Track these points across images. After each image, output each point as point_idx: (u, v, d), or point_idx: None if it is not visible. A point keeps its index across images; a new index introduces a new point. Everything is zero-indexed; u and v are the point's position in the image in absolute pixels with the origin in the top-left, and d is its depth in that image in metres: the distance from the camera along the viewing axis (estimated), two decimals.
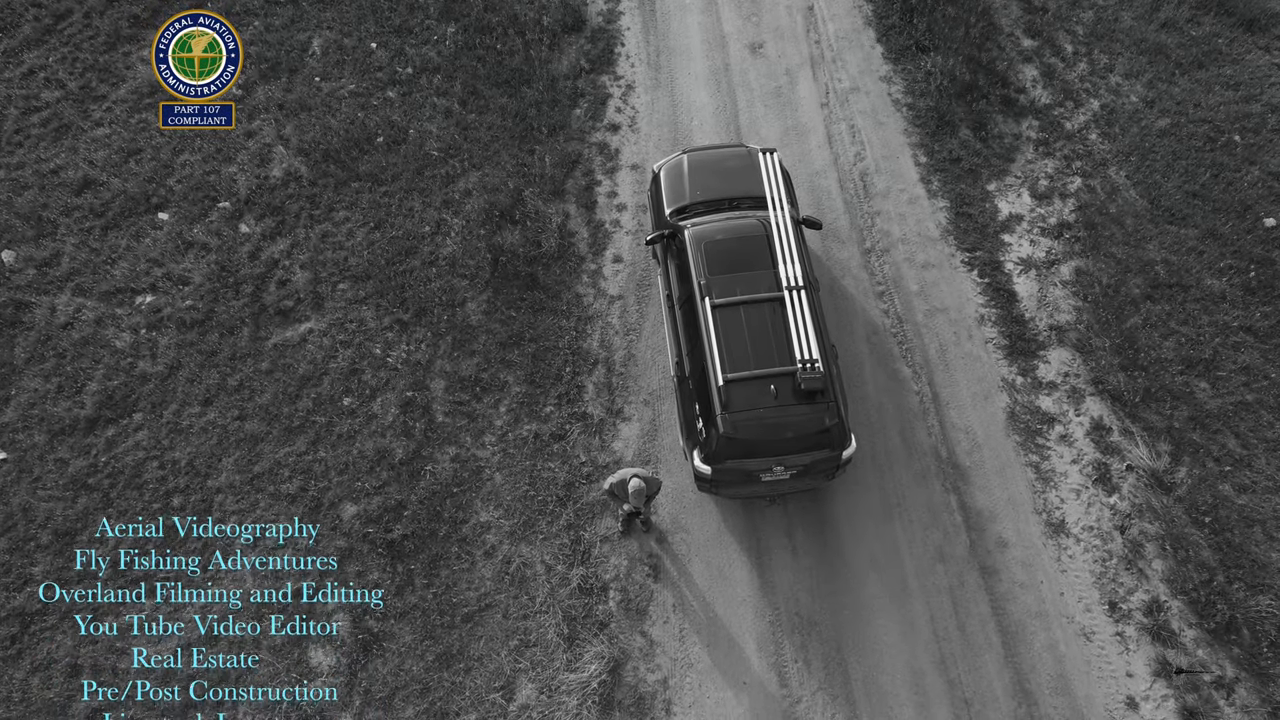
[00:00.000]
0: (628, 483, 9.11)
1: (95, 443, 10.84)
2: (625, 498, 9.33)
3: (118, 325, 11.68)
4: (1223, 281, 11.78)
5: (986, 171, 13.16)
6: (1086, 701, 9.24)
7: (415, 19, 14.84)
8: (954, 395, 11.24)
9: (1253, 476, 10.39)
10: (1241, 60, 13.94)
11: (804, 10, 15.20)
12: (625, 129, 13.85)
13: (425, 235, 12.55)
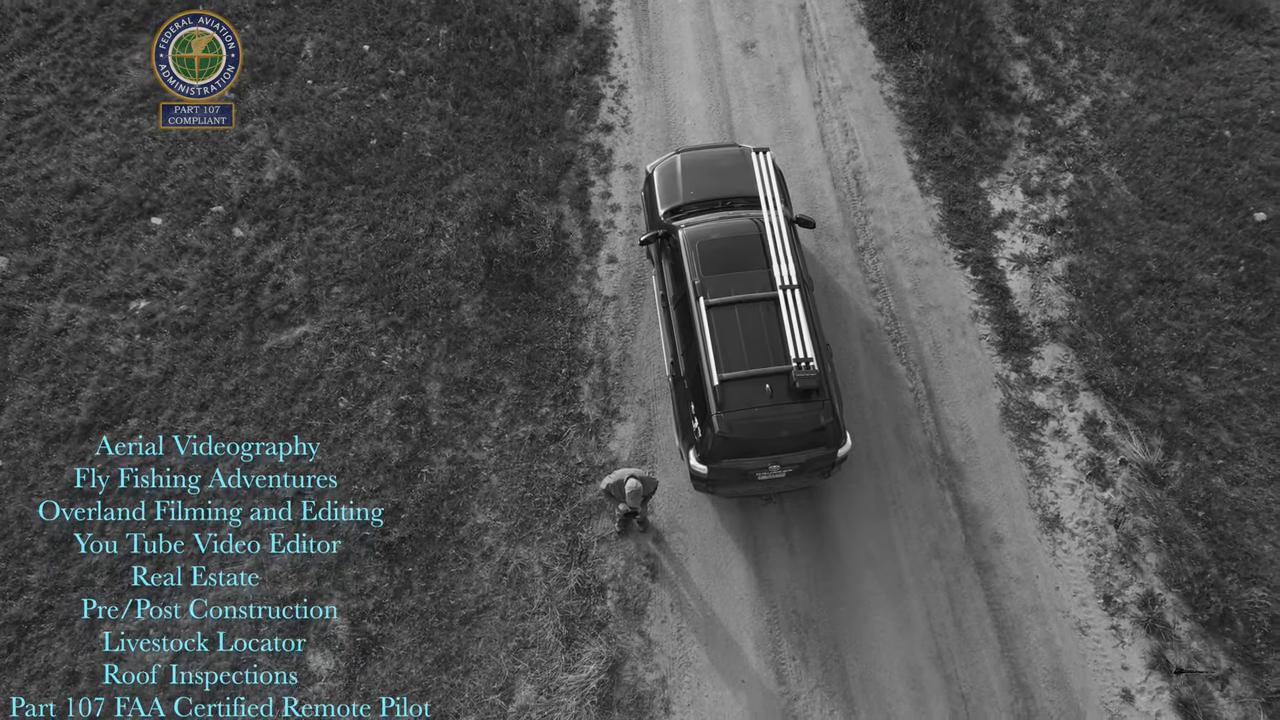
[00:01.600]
0: (624, 483, 9.14)
1: (91, 449, 10.82)
2: (622, 498, 9.37)
3: (111, 331, 11.67)
4: (1214, 276, 11.85)
5: (979, 168, 13.21)
6: (1082, 695, 9.30)
7: (407, 21, 14.84)
8: (948, 392, 11.29)
9: (1245, 469, 10.45)
10: (1231, 56, 14.01)
11: (796, 9, 15.23)
12: (619, 129, 13.87)
13: (419, 238, 12.55)
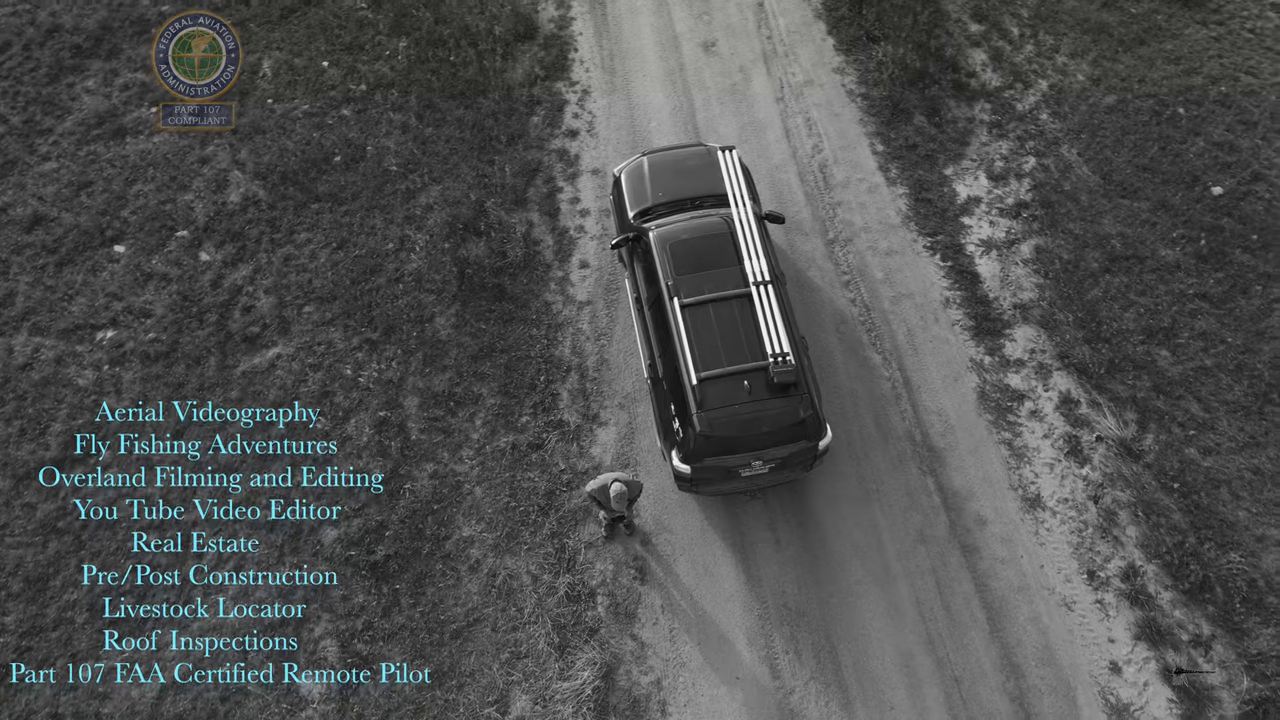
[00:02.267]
0: (609, 488, 9.13)
1: (63, 486, 10.62)
2: (608, 503, 9.35)
3: (79, 363, 11.47)
4: (1176, 251, 12.07)
5: (943, 156, 13.36)
6: (1072, 670, 9.42)
7: (366, 35, 14.74)
8: (924, 379, 11.40)
9: (1216, 439, 10.65)
10: (1180, 35, 14.29)
11: (754, 7, 15.32)
12: (584, 134, 13.87)
13: (389, 252, 12.47)
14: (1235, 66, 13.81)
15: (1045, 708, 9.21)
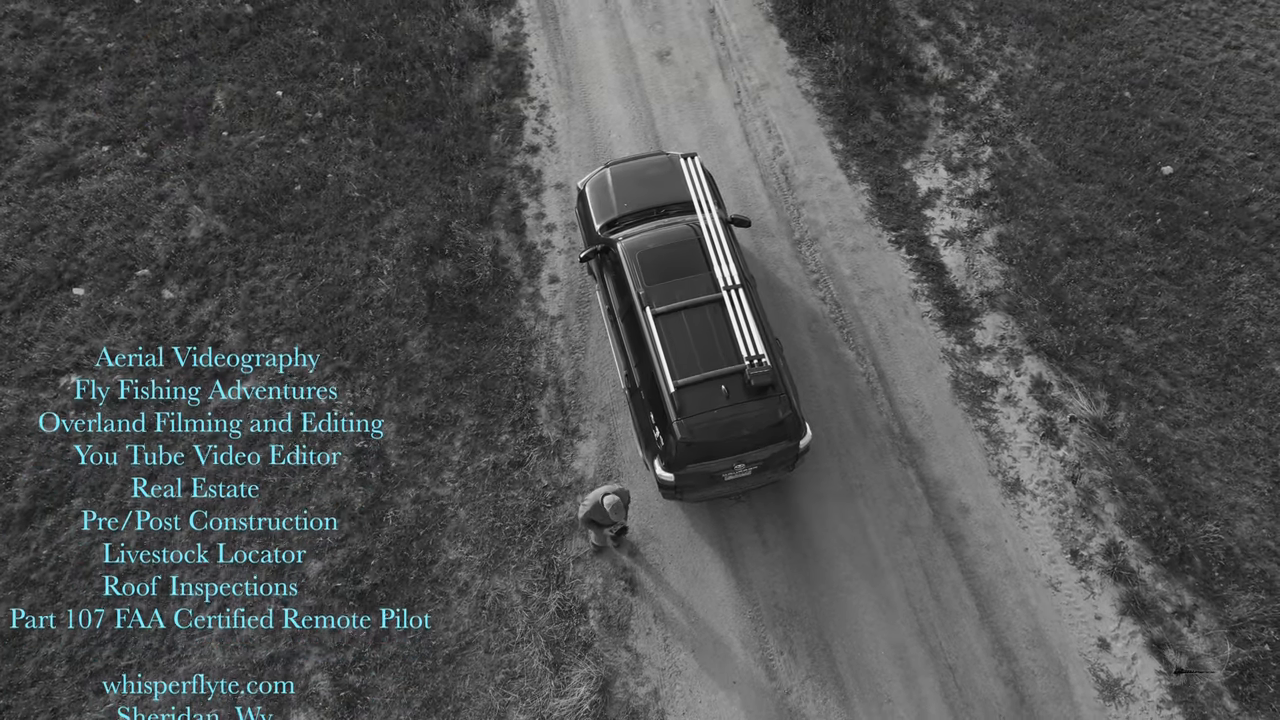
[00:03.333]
0: (602, 503, 9.05)
1: (34, 535, 10.37)
2: (605, 519, 9.27)
3: (43, 410, 11.21)
4: (1133, 231, 12.34)
5: (901, 151, 13.55)
6: (1062, 649, 9.55)
7: (319, 62, 14.63)
8: (899, 372, 11.52)
9: (1184, 412, 10.89)
10: (1121, 21, 14.66)
11: (705, 14, 15.45)
12: (545, 149, 13.87)
13: (356, 279, 12.35)
14: (1175, 49, 14.19)
15: (1039, 689, 9.32)
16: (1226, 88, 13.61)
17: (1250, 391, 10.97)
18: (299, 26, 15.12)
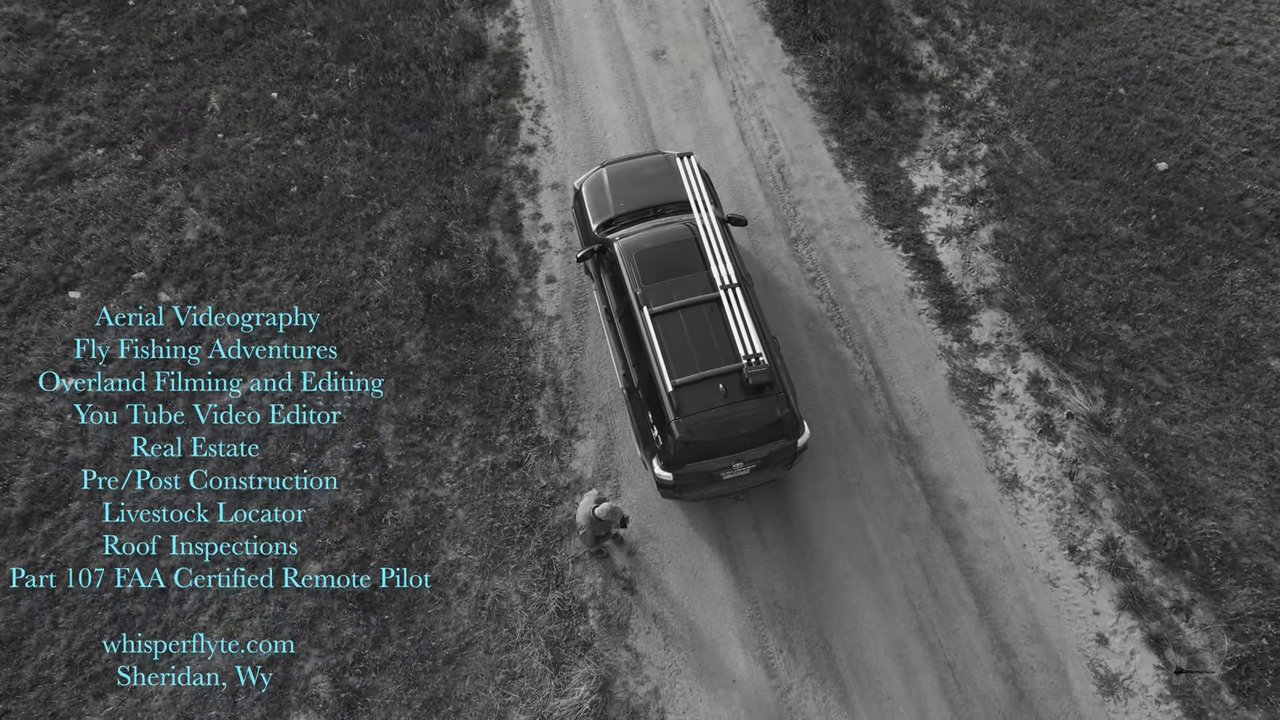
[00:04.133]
0: (595, 514, 9.02)
1: (32, 540, 10.35)
2: (608, 528, 9.24)
3: (40, 414, 11.18)
4: (1129, 227, 12.37)
5: (897, 149, 13.57)
6: (1060, 645, 9.57)
7: (314, 64, 14.61)
8: (896, 369, 11.54)
9: (1181, 407, 10.92)
10: (1114, 17, 14.69)
11: (700, 13, 15.46)
12: (541, 149, 13.87)
13: (353, 280, 12.34)
14: (1168, 45, 14.22)
15: (1038, 684, 9.35)
16: (1220, 84, 13.64)
17: (1246, 386, 11.01)
18: (294, 28, 15.10)
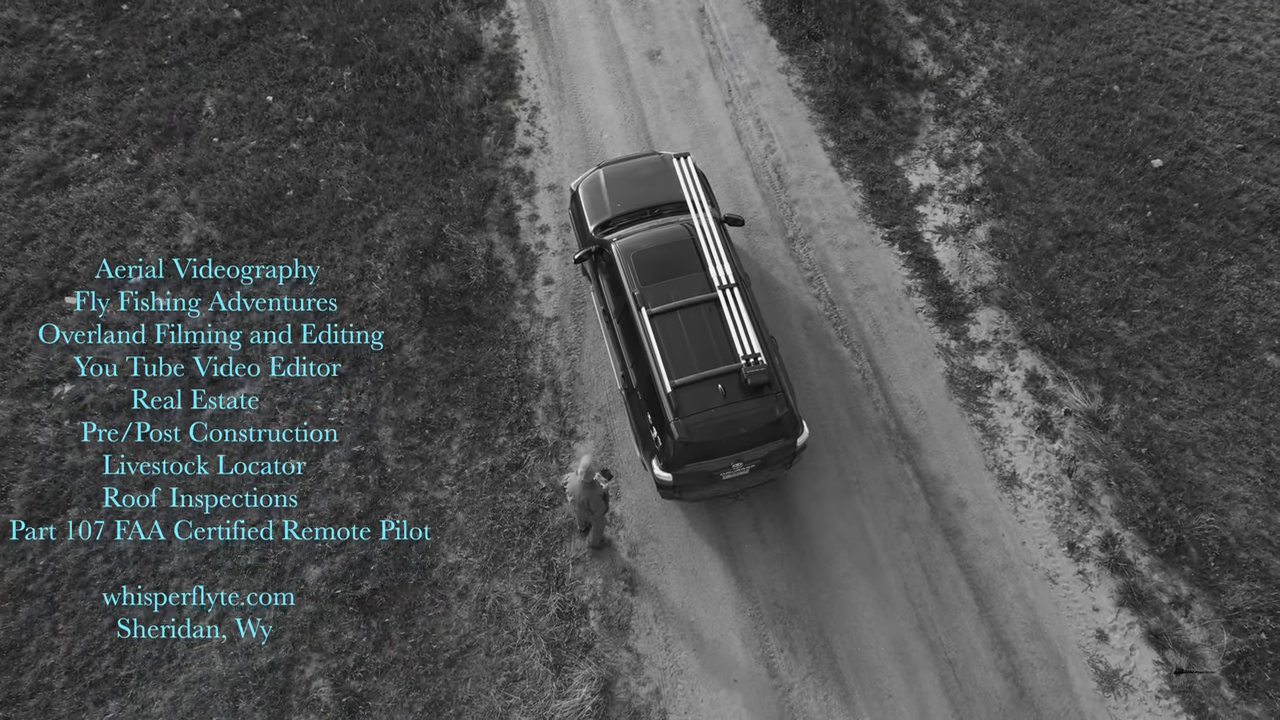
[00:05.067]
0: (581, 479, 9.04)
1: (30, 546, 10.32)
2: (601, 502, 9.30)
3: (37, 420, 11.15)
4: (1124, 224, 12.41)
5: (893, 148, 13.59)
6: (1060, 642, 9.60)
7: (309, 67, 14.59)
8: (894, 368, 11.56)
9: (1178, 403, 10.95)
10: (1108, 15, 14.72)
11: (695, 14, 15.46)
12: (537, 151, 13.86)
13: (350, 283, 12.32)
14: (1162, 42, 14.26)
15: (1038, 681, 9.37)
16: (1214, 80, 13.69)
17: (1242, 382, 11.05)
18: (288, 31, 15.08)
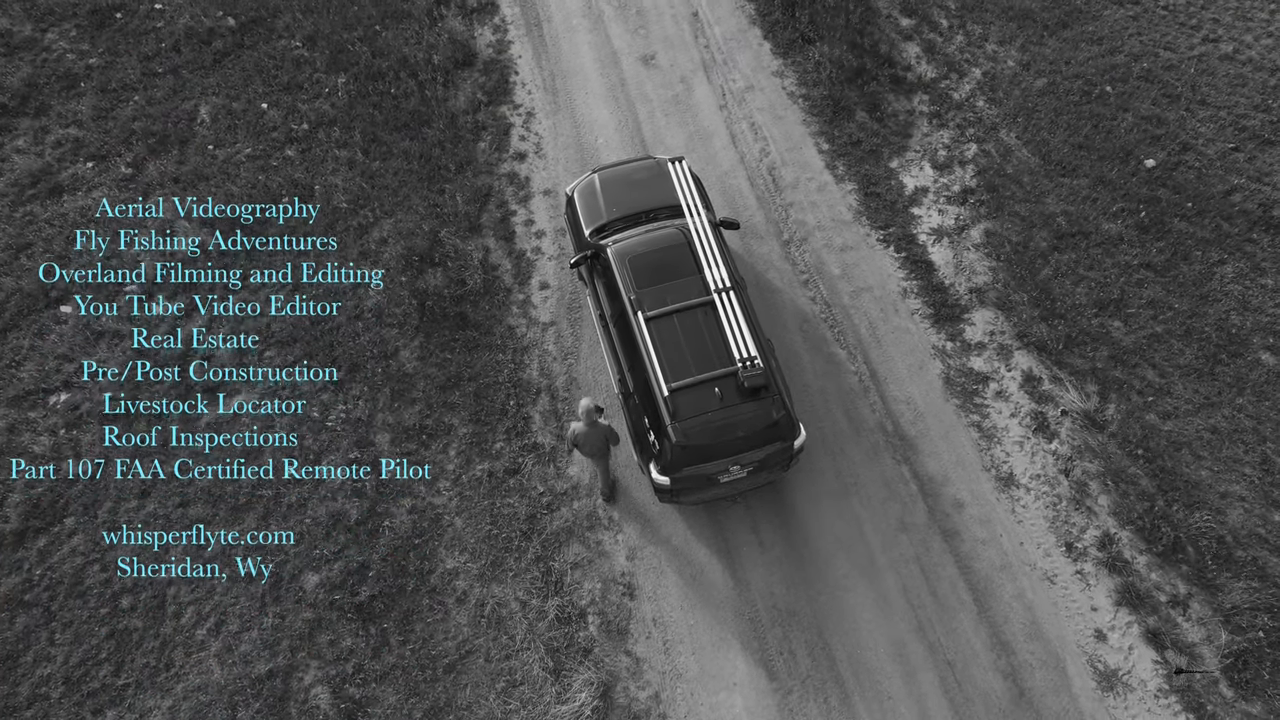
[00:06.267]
0: (584, 422, 9.39)
1: (27, 556, 10.30)
2: (603, 437, 9.56)
3: (33, 430, 11.13)
4: (1118, 224, 12.45)
5: (887, 150, 13.63)
6: (1059, 641, 9.60)
7: (303, 74, 14.60)
8: (890, 370, 11.58)
9: (1174, 403, 10.98)
10: (1100, 16, 14.79)
11: (689, 18, 15.50)
12: (532, 156, 13.88)
13: (347, 290, 12.30)
14: (1154, 43, 14.33)
15: (1037, 681, 9.38)
16: (1206, 80, 13.75)
17: (1238, 381, 11.08)
18: (282, 38, 15.09)
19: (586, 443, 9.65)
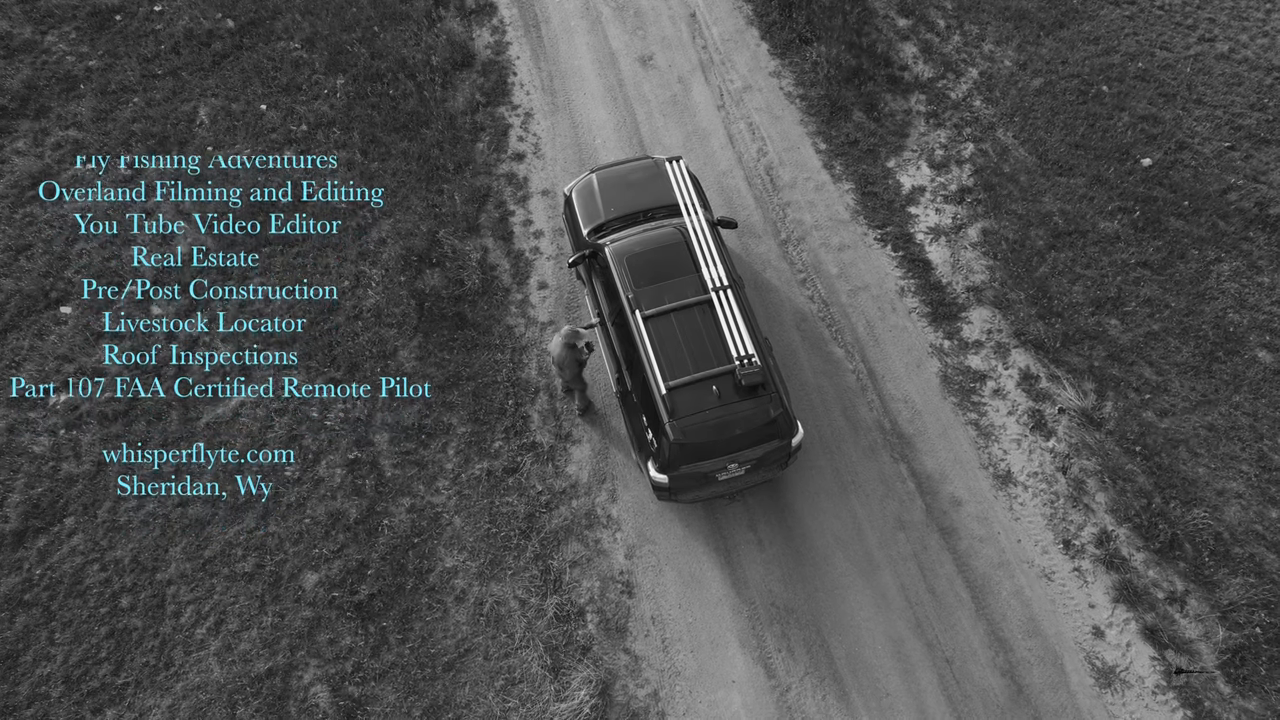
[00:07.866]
0: (563, 340, 9.89)
1: (26, 556, 10.32)
2: (579, 351, 10.02)
3: (33, 430, 11.15)
4: (1115, 223, 12.48)
5: (884, 149, 13.66)
6: (1057, 638, 9.62)
7: (302, 75, 14.64)
8: (888, 368, 11.60)
9: (1170, 400, 11.01)
10: (1096, 16, 14.84)
11: (687, 19, 15.55)
12: (530, 156, 13.92)
13: (345, 290, 12.35)
14: (1150, 42, 14.37)
15: (1035, 678, 9.40)
16: (1202, 80, 13.79)
17: (1234, 378, 11.11)
18: (281, 40, 15.13)
19: (557, 361, 10.24)
